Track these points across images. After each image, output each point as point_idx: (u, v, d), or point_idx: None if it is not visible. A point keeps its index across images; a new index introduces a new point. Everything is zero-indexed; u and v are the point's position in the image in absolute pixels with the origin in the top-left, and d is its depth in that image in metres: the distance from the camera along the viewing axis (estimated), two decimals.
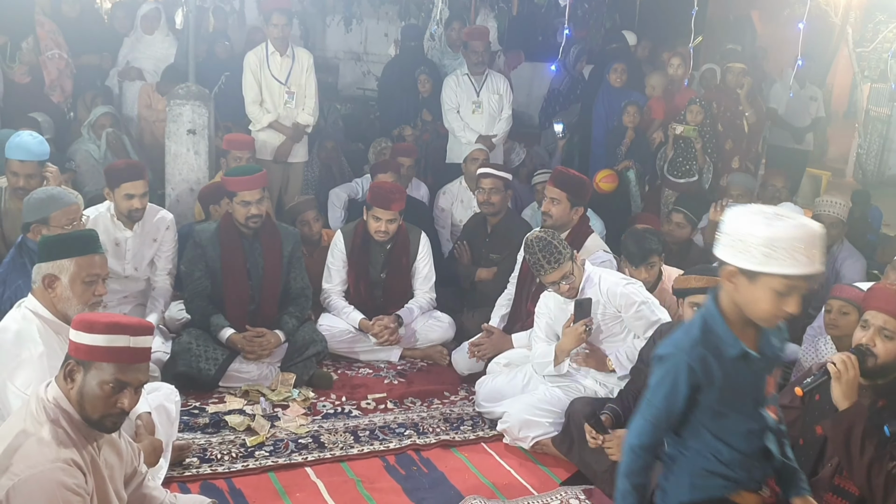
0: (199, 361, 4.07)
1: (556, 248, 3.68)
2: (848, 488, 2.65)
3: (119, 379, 2.13)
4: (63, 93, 6.48)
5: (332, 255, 4.81)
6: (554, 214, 4.44)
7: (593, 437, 3.33)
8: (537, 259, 3.69)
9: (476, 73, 6.33)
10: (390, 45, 8.58)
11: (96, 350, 2.09)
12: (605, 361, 3.80)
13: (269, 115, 5.86)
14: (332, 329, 4.61)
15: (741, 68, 6.47)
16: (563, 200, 4.44)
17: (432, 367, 4.74)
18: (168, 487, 2.92)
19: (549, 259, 3.67)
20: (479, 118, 6.32)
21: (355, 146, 7.29)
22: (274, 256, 4.35)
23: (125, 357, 2.13)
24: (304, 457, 3.58)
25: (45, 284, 2.70)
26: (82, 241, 2.79)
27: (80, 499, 2.00)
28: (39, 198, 3.57)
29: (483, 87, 6.34)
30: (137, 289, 4.48)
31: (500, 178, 5.04)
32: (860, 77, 8.25)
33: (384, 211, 4.62)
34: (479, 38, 6.34)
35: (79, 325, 2.11)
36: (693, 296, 3.35)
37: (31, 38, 6.25)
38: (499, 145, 6.46)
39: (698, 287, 3.33)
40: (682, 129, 6.20)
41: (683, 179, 6.30)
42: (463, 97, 6.34)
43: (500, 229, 5.07)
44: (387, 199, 4.63)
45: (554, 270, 3.68)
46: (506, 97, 6.40)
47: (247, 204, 4.22)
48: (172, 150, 5.47)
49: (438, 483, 3.50)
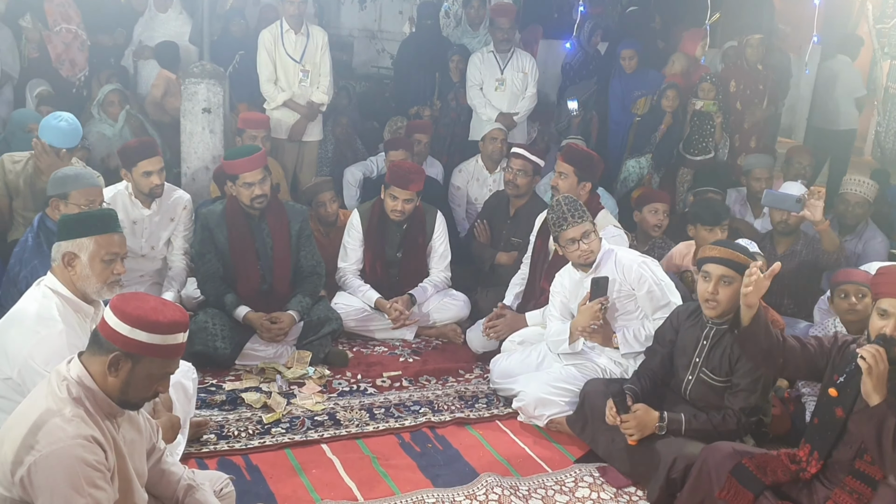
0: (216, 340, 4.10)
1: (580, 207, 3.75)
2: (869, 473, 2.63)
3: (166, 371, 2.19)
4: (74, 67, 6.44)
5: (349, 233, 4.81)
6: (561, 188, 4.41)
7: (613, 416, 3.34)
8: (562, 212, 3.72)
9: (501, 50, 6.30)
10: (405, 22, 8.53)
11: (152, 347, 2.10)
12: (612, 338, 3.81)
13: (283, 93, 5.85)
14: (347, 307, 4.63)
15: (759, 39, 6.35)
16: (570, 175, 4.41)
17: (447, 346, 4.75)
18: (186, 463, 2.96)
19: (573, 212, 3.71)
20: (502, 95, 6.29)
21: (370, 125, 7.27)
22: (282, 235, 4.35)
23: (175, 353, 2.18)
24: (319, 434, 3.61)
25: (64, 262, 2.72)
26: (102, 220, 2.80)
27: (101, 474, 2.02)
28: (65, 174, 3.63)
29: (508, 64, 6.30)
30: (154, 268, 4.51)
31: (531, 162, 4.97)
32: (880, 54, 8.15)
33: (402, 191, 4.62)
34: (505, 15, 6.28)
35: (137, 323, 2.09)
36: (708, 265, 3.30)
37: (29, 14, 6.24)
38: (522, 124, 6.42)
39: (715, 257, 3.30)
40: (701, 104, 6.13)
41: (700, 157, 6.25)
42: (487, 74, 6.31)
43: (523, 213, 5.02)
44: (405, 178, 4.62)
45: (577, 224, 3.70)
46: (531, 75, 6.36)
47: (250, 185, 4.19)
48: (188, 129, 5.48)
49: (453, 460, 3.52)
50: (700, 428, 3.27)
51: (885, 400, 2.53)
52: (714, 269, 3.24)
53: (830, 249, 4.41)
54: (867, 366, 2.53)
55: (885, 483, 2.61)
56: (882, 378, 2.53)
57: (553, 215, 3.77)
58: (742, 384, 3.26)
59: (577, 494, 3.31)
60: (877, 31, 8.09)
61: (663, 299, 3.74)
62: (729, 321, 3.19)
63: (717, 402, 3.34)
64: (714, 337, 3.35)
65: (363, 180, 5.93)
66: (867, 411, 2.57)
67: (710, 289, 3.23)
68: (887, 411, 2.52)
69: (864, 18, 8.07)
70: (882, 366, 2.53)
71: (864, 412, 2.59)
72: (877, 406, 2.54)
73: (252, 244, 4.30)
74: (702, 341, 3.38)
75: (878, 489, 2.63)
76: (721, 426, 3.25)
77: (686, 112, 6.30)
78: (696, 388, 3.41)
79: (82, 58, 6.49)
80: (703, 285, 3.27)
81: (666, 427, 3.28)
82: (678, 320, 3.53)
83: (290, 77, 5.88)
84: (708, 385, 3.36)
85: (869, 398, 2.55)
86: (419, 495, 3.20)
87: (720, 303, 3.24)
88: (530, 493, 3.29)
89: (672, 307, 3.71)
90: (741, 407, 3.25)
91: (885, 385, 2.54)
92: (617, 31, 7.29)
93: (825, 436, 2.78)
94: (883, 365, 2.53)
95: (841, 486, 2.69)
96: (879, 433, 2.53)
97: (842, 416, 2.71)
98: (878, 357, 2.53)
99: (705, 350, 3.37)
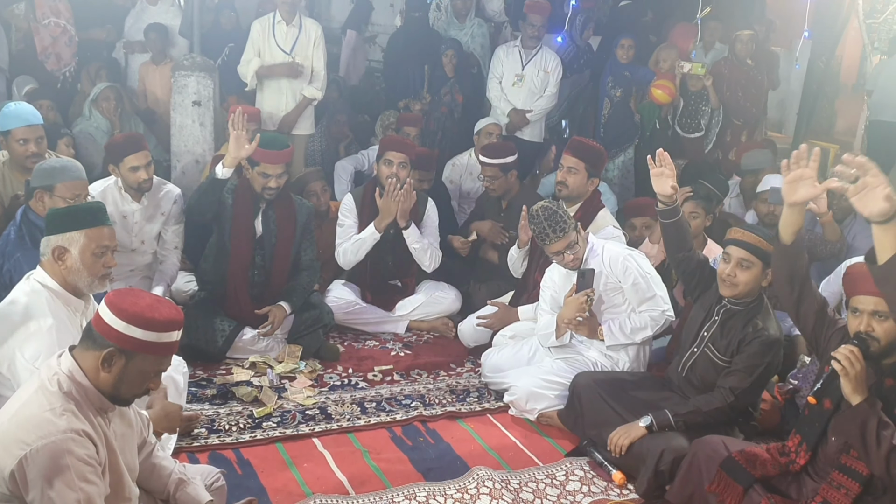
0: (206, 334, 4.10)
1: (560, 218, 3.69)
2: (855, 468, 2.64)
3: (159, 369, 2.19)
4: (59, 61, 6.38)
5: (343, 214, 4.80)
6: (570, 184, 4.38)
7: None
8: (542, 228, 3.69)
9: (528, 46, 6.28)
10: (396, 15, 8.49)
11: (146, 344, 2.10)
12: (598, 330, 3.83)
13: (253, 60, 5.72)
14: (339, 301, 4.63)
15: (749, 35, 6.35)
16: (580, 170, 4.37)
17: (438, 340, 4.76)
18: (177, 457, 2.95)
19: (554, 228, 3.67)
20: (518, 91, 6.28)
21: (361, 118, 7.25)
22: (288, 227, 4.34)
23: (169, 351, 2.18)
24: (311, 428, 3.61)
25: (54, 257, 2.70)
26: (91, 213, 2.79)
27: (92, 469, 2.02)
28: (52, 165, 3.55)
29: (530, 61, 6.28)
30: (144, 262, 4.49)
31: (498, 164, 4.90)
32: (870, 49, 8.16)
33: (397, 154, 4.61)
34: (539, 13, 6.23)
35: (132, 320, 2.08)
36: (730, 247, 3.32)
37: (24, 3, 6.20)
38: (537, 122, 6.40)
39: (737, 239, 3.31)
40: (689, 66, 6.06)
41: (692, 134, 6.23)
42: (508, 68, 6.30)
43: (515, 205, 4.94)
44: (399, 142, 4.70)
45: (559, 240, 3.69)
46: (553, 75, 6.31)
47: (266, 176, 4.19)
48: (178, 122, 5.44)
49: (444, 454, 3.52)
50: (687, 412, 3.30)
51: (865, 399, 2.53)
52: (735, 251, 3.27)
53: (833, 239, 4.46)
54: (842, 368, 2.52)
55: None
56: (860, 378, 2.53)
57: (535, 228, 3.75)
58: (740, 366, 3.28)
59: (567, 488, 3.32)
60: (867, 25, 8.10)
61: (649, 291, 3.76)
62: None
63: (712, 382, 3.37)
64: (725, 315, 3.37)
65: (354, 174, 5.92)
66: (850, 411, 2.57)
67: (729, 270, 3.26)
68: (868, 411, 2.53)
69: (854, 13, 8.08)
70: (858, 366, 2.52)
71: (846, 412, 2.60)
72: (858, 405, 2.54)
73: (253, 222, 4.28)
74: (713, 316, 3.41)
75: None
76: (706, 406, 3.28)
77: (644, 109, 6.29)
78: (697, 364, 3.44)
79: (69, 53, 6.43)
80: (723, 266, 3.30)
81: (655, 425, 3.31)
82: (705, 272, 3.55)
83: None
84: (710, 361, 3.38)
85: (850, 399, 2.55)
86: (411, 489, 3.21)
87: (738, 285, 3.26)
88: (521, 487, 3.30)
89: (658, 300, 3.75)
90: (731, 387, 3.27)
91: (864, 385, 2.54)
92: (609, 26, 7.29)
93: (813, 426, 2.79)
94: (859, 364, 2.52)
95: (828, 482, 2.70)
96: (863, 433, 2.53)
97: (829, 408, 2.72)
98: (852, 358, 2.52)
99: (715, 325, 3.39)
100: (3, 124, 4.12)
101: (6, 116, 4.12)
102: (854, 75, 8.39)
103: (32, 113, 4.17)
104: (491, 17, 7.32)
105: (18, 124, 4.09)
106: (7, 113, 4.13)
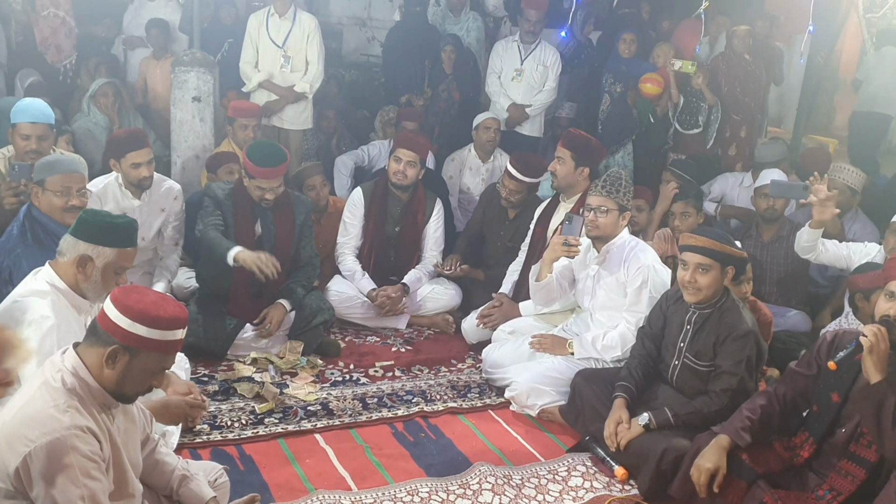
0: (207, 331, 4.09)
1: (619, 182, 3.77)
2: (864, 455, 2.67)
3: (163, 367, 2.19)
4: (59, 53, 6.37)
5: (350, 210, 4.81)
6: (559, 174, 4.40)
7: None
8: (604, 179, 3.79)
9: (526, 41, 6.26)
10: (395, 10, 8.48)
11: (151, 342, 2.09)
12: (565, 345, 3.88)
13: (259, 73, 5.76)
14: (340, 296, 4.63)
15: (746, 30, 6.33)
16: (567, 159, 4.39)
17: (439, 336, 4.76)
18: (179, 454, 2.95)
19: (609, 184, 3.76)
20: (517, 86, 6.26)
21: (360, 113, 7.24)
22: (286, 225, 4.33)
23: (173, 349, 2.17)
24: (313, 423, 3.61)
25: (77, 263, 2.67)
26: (129, 234, 2.76)
27: (96, 465, 2.02)
28: (46, 160, 3.51)
29: (529, 56, 6.25)
30: (144, 258, 4.49)
31: (525, 183, 4.82)
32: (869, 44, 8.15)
33: (405, 151, 4.62)
34: (536, 8, 6.19)
35: (137, 317, 2.08)
36: (685, 253, 3.34)
37: None
38: (536, 117, 6.38)
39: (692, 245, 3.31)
40: (680, 63, 6.06)
41: (691, 131, 6.23)
42: (507, 63, 6.28)
43: (521, 217, 4.91)
44: (412, 140, 4.68)
45: (601, 195, 3.75)
46: (552, 69, 6.28)
47: (262, 189, 4.17)
48: (178, 118, 5.44)
49: (446, 449, 3.52)
50: (688, 413, 3.29)
51: (885, 378, 2.56)
52: (691, 257, 3.29)
53: (833, 232, 4.47)
54: (869, 343, 2.56)
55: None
56: (883, 357, 2.57)
57: (601, 179, 3.82)
58: (724, 366, 3.28)
59: (569, 483, 3.32)
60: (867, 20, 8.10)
61: (639, 304, 3.77)
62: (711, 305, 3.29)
63: (702, 389, 3.37)
64: (697, 321, 3.38)
65: (354, 170, 5.91)
66: (867, 389, 2.60)
67: (689, 277, 3.28)
68: (887, 390, 2.55)
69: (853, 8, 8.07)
70: (883, 345, 2.56)
71: (863, 390, 2.62)
72: (877, 384, 2.57)
73: (253, 226, 4.27)
74: (685, 326, 3.41)
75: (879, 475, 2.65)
76: (706, 408, 3.27)
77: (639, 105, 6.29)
78: (682, 374, 3.43)
79: (69, 44, 6.41)
80: (682, 273, 3.32)
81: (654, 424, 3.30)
82: (666, 304, 3.56)
83: (271, 62, 5.80)
84: (693, 370, 3.39)
85: (870, 375, 2.58)
86: (413, 485, 3.21)
87: (701, 290, 3.28)
88: (523, 483, 3.30)
89: (640, 316, 3.74)
90: (722, 389, 3.27)
91: (885, 364, 2.58)
92: (609, 21, 7.27)
93: (821, 420, 2.80)
94: (885, 344, 2.56)
95: (836, 471, 2.72)
96: (879, 411, 2.56)
97: (838, 402, 2.73)
98: (880, 336, 2.57)
99: (689, 335, 3.39)
100: (13, 117, 4.14)
101: (17, 110, 4.14)
102: (853, 70, 8.40)
103: (41, 111, 4.16)
104: (491, 12, 7.30)
105: (24, 119, 4.10)
106: (19, 107, 4.15)
